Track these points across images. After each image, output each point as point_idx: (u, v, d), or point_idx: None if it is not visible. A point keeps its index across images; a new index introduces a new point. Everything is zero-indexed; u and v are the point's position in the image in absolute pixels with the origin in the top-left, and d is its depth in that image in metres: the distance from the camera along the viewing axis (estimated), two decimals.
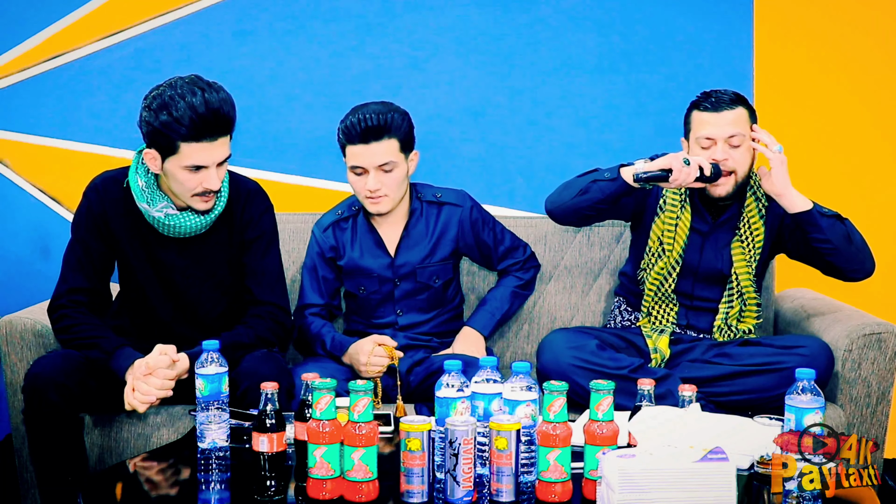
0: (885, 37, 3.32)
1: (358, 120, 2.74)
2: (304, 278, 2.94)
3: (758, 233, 2.79)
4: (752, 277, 2.81)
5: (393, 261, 2.89)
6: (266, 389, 2.03)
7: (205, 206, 2.52)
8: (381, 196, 2.79)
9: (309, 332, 2.86)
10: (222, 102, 2.42)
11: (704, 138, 2.72)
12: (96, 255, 2.59)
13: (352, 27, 3.32)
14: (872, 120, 3.35)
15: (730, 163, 2.72)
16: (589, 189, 2.74)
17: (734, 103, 2.73)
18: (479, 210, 2.97)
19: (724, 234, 2.82)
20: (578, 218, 2.83)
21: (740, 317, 2.83)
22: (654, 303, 2.86)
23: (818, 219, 2.66)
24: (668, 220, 2.82)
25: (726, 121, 2.71)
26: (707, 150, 2.72)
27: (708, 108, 2.72)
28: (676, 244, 2.81)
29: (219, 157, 2.46)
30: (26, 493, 2.75)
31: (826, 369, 2.65)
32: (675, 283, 2.83)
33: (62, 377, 2.39)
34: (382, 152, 2.75)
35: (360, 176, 2.79)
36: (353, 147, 2.76)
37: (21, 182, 3.36)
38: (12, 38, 3.31)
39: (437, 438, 1.95)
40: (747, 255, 2.80)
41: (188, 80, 2.42)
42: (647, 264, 2.86)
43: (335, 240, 2.91)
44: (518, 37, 3.32)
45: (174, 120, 2.38)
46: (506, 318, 3.03)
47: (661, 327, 2.84)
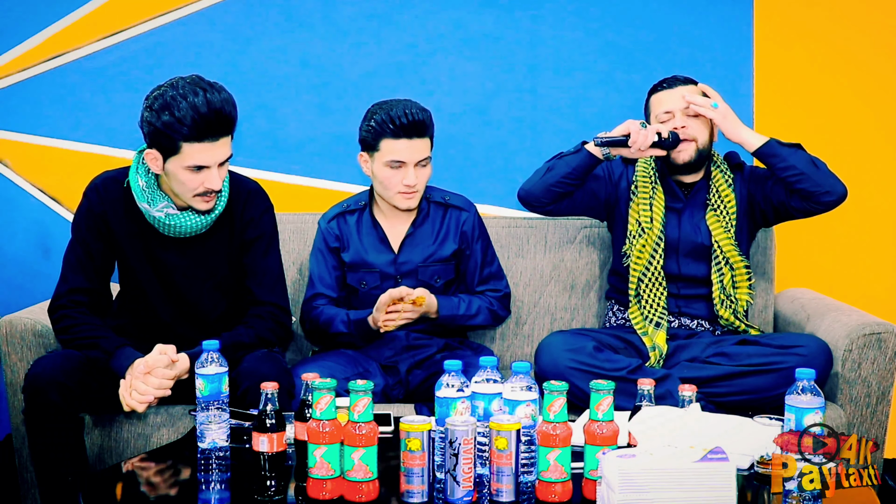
0: (885, 37, 3.32)
1: (403, 114, 2.76)
2: (311, 270, 2.94)
3: (728, 198, 2.87)
4: (733, 243, 2.85)
5: (396, 257, 2.89)
6: (266, 389, 2.03)
7: (206, 207, 2.52)
8: (416, 191, 2.83)
9: (322, 316, 2.86)
10: (224, 102, 2.42)
11: (663, 113, 2.86)
12: (96, 255, 2.59)
13: (352, 27, 3.32)
14: (872, 120, 3.35)
15: (689, 130, 2.84)
16: (555, 165, 2.86)
17: (688, 81, 2.88)
18: (480, 224, 2.98)
19: (697, 208, 2.90)
20: (550, 197, 2.88)
21: (734, 283, 2.86)
22: (644, 285, 2.87)
23: (778, 148, 2.77)
24: (642, 201, 2.89)
25: (680, 94, 2.85)
26: (666, 124, 2.84)
27: (664, 87, 2.88)
28: (655, 222, 2.87)
29: (220, 158, 2.46)
30: (26, 493, 2.75)
31: (825, 368, 2.65)
32: (662, 260, 2.86)
33: (63, 377, 2.39)
34: (423, 148, 2.80)
35: (397, 170, 2.80)
36: (396, 141, 2.77)
37: (21, 182, 3.36)
38: (12, 38, 3.31)
39: (437, 438, 1.95)
40: (723, 221, 2.86)
41: (190, 80, 2.42)
42: (629, 248, 2.90)
43: (339, 230, 2.92)
44: (519, 37, 3.32)
45: (176, 120, 2.38)
46: (465, 318, 2.90)
47: (654, 317, 2.84)
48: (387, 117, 2.77)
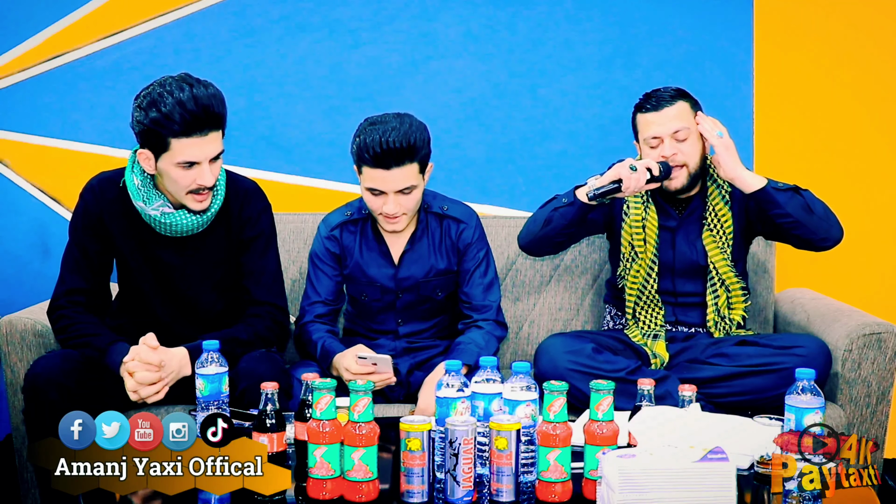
0: (885, 37, 3.32)
1: (378, 142, 2.60)
2: (309, 275, 2.88)
3: (725, 218, 2.81)
4: (729, 264, 2.82)
5: (396, 272, 2.84)
6: (266, 389, 2.02)
7: (199, 206, 2.52)
8: (399, 217, 2.73)
9: (307, 334, 2.82)
10: (211, 97, 2.42)
11: (651, 138, 2.76)
12: (94, 255, 2.59)
13: (352, 27, 3.31)
14: (872, 120, 3.35)
15: (679, 157, 2.75)
16: (552, 218, 2.78)
17: (674, 98, 2.76)
18: (480, 236, 2.87)
19: (692, 226, 2.84)
20: (553, 246, 2.86)
21: (730, 305, 2.84)
22: (640, 307, 2.86)
23: (774, 195, 2.68)
24: (634, 223, 2.83)
25: (668, 117, 2.74)
26: (656, 149, 2.76)
27: (650, 109, 2.76)
28: (648, 245, 2.82)
29: (211, 153, 2.46)
30: (26, 493, 2.75)
31: (824, 369, 2.65)
32: (656, 284, 2.83)
33: (62, 377, 2.40)
34: (403, 177, 2.65)
35: (377, 197, 2.69)
36: (373, 170, 2.64)
37: (21, 182, 3.36)
38: (12, 38, 3.31)
39: (437, 438, 1.95)
40: (720, 242, 2.81)
41: (177, 77, 2.44)
42: (623, 270, 2.87)
43: (341, 242, 2.84)
44: (518, 37, 3.32)
45: (164, 116, 2.39)
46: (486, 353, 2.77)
47: (651, 332, 2.84)
48: (363, 144, 2.62)
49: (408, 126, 2.64)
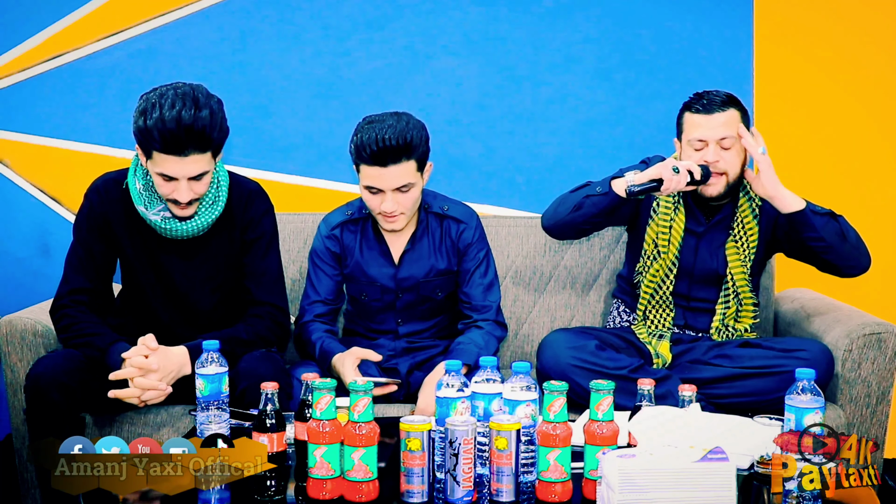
0: (885, 37, 3.32)
1: (374, 140, 2.62)
2: (308, 275, 2.88)
3: (752, 232, 2.79)
4: (747, 277, 2.81)
5: (396, 272, 2.84)
6: (266, 389, 2.02)
7: (180, 213, 2.52)
8: (398, 215, 2.73)
9: (307, 333, 2.82)
10: (198, 120, 2.38)
11: (696, 140, 2.72)
12: (98, 255, 2.60)
13: (352, 27, 3.31)
14: (872, 120, 3.35)
15: (721, 164, 2.72)
16: (583, 205, 2.74)
17: (726, 105, 2.72)
18: (480, 236, 2.87)
19: (718, 234, 2.82)
20: (576, 232, 2.84)
21: (737, 317, 2.83)
22: (652, 306, 2.86)
23: (811, 218, 2.65)
24: (661, 222, 2.82)
25: (717, 123, 2.71)
26: (699, 152, 2.72)
27: (700, 111, 2.72)
28: (672, 246, 2.81)
29: (189, 173, 2.45)
30: (26, 493, 2.75)
31: (826, 373, 2.65)
32: (672, 286, 2.83)
33: (64, 377, 2.40)
34: (400, 175, 2.66)
35: (375, 195, 2.71)
36: (370, 168, 2.65)
37: (21, 182, 3.36)
38: (12, 38, 3.31)
39: (437, 438, 1.95)
40: (742, 255, 2.80)
41: (181, 91, 2.41)
42: (642, 267, 2.86)
43: (341, 241, 2.85)
44: (518, 37, 3.32)
45: (146, 129, 2.39)
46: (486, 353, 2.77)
47: (658, 332, 2.84)
48: (360, 142, 2.64)
49: (405, 124, 2.65)
